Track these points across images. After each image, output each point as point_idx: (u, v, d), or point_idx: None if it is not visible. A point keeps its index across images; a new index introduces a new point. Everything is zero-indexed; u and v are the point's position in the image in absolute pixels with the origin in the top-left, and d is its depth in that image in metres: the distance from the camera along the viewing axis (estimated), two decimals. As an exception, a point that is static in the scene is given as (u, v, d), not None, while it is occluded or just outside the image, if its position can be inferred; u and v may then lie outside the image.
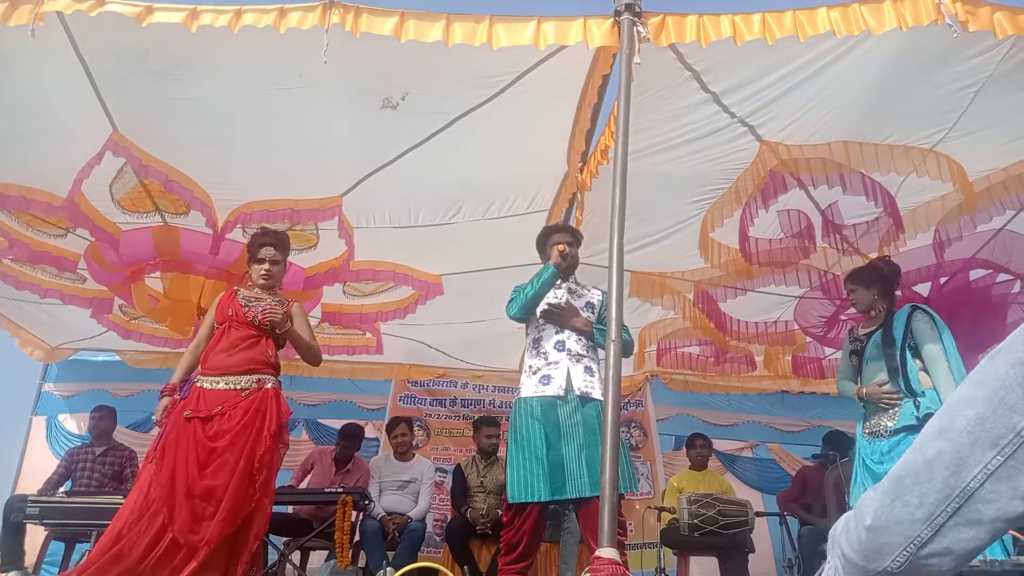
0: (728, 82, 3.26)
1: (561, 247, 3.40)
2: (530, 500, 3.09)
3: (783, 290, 5.05)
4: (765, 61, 3.10)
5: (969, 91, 3.29)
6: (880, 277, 3.72)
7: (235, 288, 3.70)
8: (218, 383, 3.38)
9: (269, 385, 3.43)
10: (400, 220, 4.54)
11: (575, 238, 3.54)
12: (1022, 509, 0.83)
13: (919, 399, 3.42)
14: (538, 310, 3.41)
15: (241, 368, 3.40)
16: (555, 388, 3.23)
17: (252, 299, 3.58)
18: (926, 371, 3.53)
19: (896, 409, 3.49)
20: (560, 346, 3.33)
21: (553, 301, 3.39)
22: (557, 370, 3.26)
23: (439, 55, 2.96)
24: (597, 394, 3.22)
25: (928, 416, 3.33)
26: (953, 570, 0.89)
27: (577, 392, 3.22)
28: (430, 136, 3.70)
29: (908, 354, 3.57)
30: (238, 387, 3.36)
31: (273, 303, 3.55)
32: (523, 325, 3.54)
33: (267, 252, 3.62)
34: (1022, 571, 1.09)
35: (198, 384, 3.42)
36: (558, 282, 3.48)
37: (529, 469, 3.12)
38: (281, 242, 3.71)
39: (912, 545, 0.88)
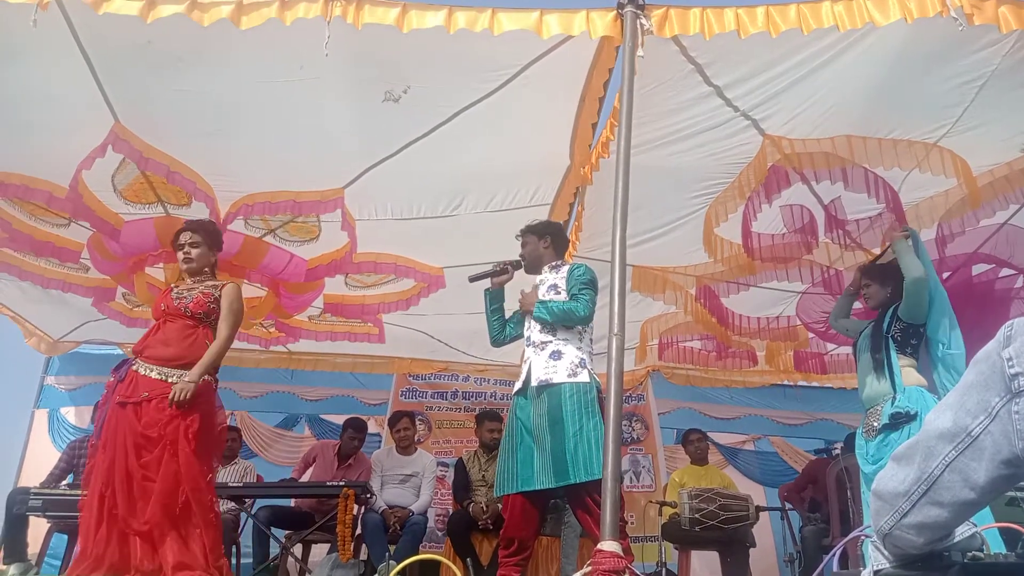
0: (731, 76, 3.24)
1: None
2: (503, 493, 3.32)
3: (785, 285, 5.05)
4: (769, 55, 3.09)
5: (973, 85, 3.27)
6: (898, 279, 3.67)
7: (171, 286, 3.74)
8: (151, 371, 3.41)
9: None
10: (402, 212, 4.53)
11: (529, 235, 3.67)
12: (972, 497, 1.00)
13: (897, 396, 3.44)
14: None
15: (178, 362, 3.42)
16: (523, 382, 3.40)
17: (184, 290, 3.64)
18: (912, 367, 3.55)
19: (878, 407, 3.53)
20: (528, 341, 3.49)
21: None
22: (526, 364, 3.43)
23: (442, 48, 2.96)
24: (559, 378, 3.26)
25: (897, 415, 3.40)
26: (923, 546, 1.08)
27: (535, 383, 3.31)
28: (432, 129, 3.68)
29: (893, 349, 3.57)
30: (170, 380, 3.37)
31: (204, 292, 3.59)
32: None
33: (184, 237, 3.70)
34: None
35: (134, 368, 3.45)
36: (536, 278, 3.66)
37: (506, 463, 3.33)
38: (202, 226, 3.76)
39: (897, 513, 1.08)
